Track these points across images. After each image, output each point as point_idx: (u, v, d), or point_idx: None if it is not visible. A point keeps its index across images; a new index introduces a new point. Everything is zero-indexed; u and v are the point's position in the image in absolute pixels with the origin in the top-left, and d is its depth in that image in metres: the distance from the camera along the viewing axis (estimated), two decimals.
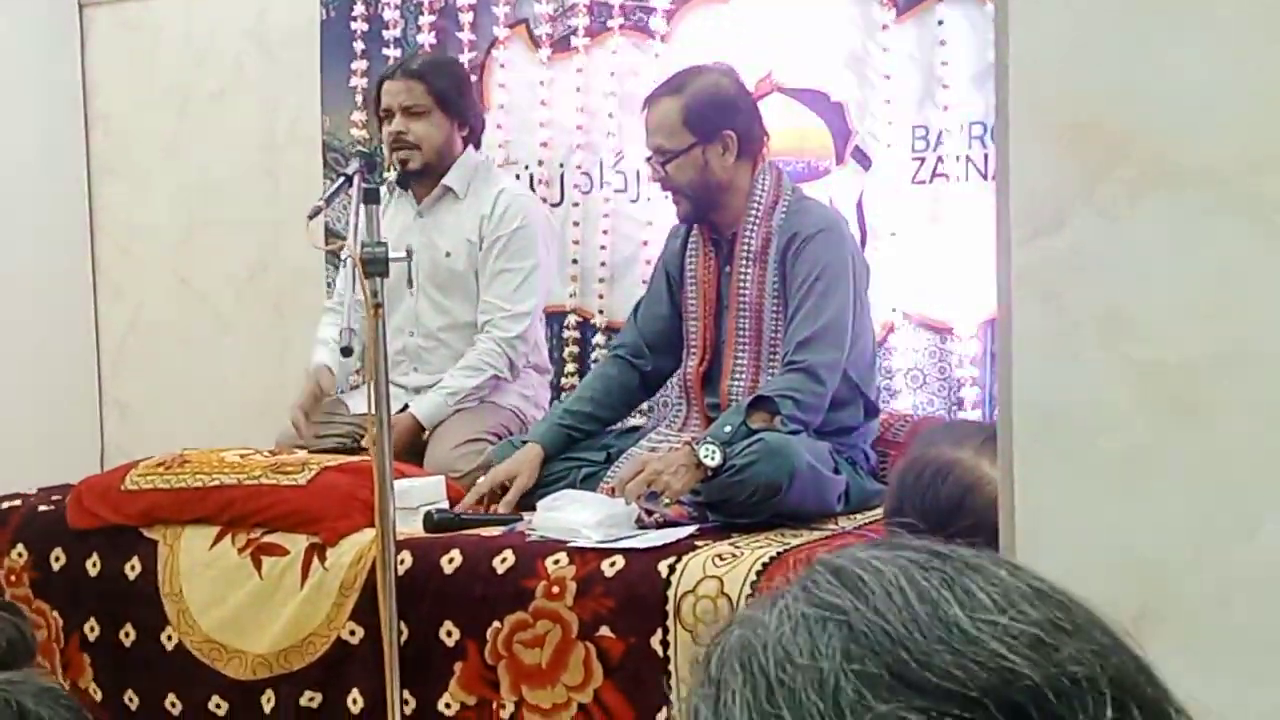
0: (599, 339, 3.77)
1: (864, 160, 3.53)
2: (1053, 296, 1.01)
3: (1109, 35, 1.02)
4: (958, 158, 3.40)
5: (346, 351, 2.44)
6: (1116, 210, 1.01)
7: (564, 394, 3.74)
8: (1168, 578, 0.99)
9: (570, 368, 3.82)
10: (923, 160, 3.45)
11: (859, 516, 2.84)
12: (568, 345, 3.83)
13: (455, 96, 3.41)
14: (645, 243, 3.65)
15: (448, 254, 3.42)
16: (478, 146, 3.54)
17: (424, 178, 3.43)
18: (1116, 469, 1.01)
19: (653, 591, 2.49)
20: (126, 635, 2.95)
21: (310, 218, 3.15)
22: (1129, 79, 1.01)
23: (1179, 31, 1.00)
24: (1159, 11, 1.01)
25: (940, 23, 3.37)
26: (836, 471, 2.83)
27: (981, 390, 3.38)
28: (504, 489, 2.94)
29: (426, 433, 3.31)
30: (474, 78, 3.92)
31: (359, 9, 4.08)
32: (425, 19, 3.99)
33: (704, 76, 3.01)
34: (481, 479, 2.97)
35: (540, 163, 3.90)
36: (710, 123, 2.94)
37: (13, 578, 3.05)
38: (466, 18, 3.94)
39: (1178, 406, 1.00)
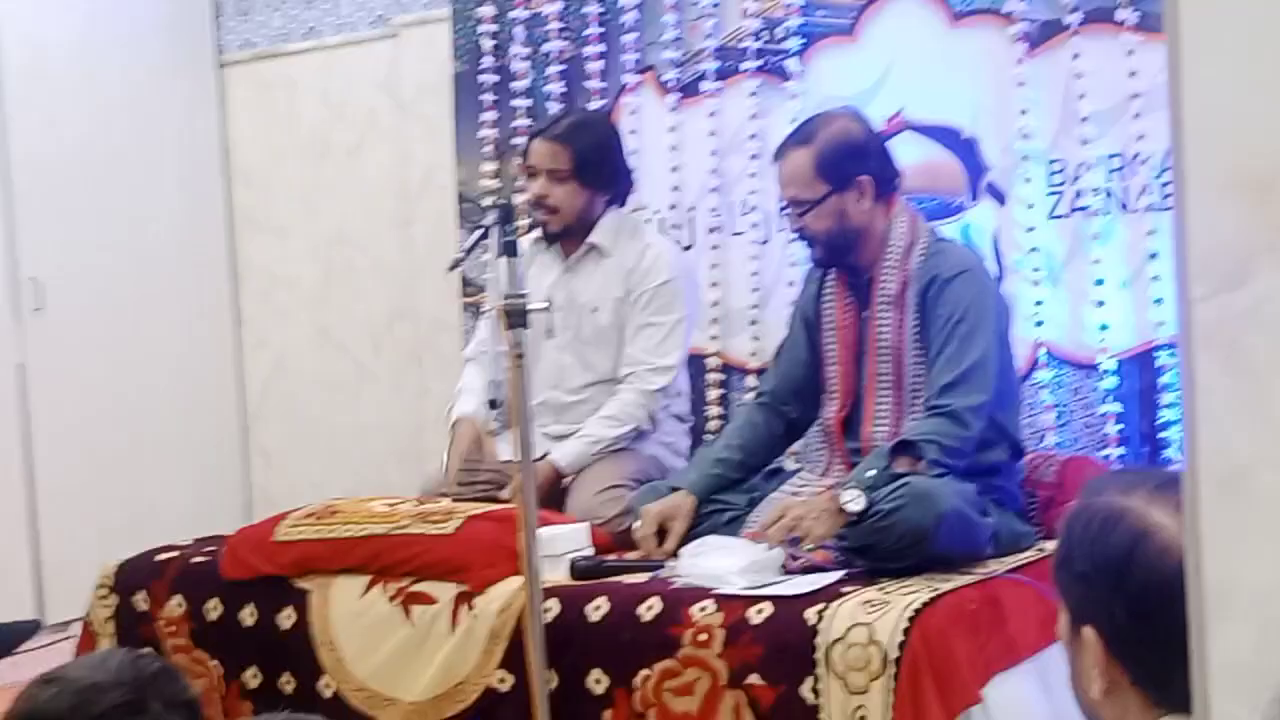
0: (751, 381, 3.76)
1: (999, 196, 3.49)
2: (1237, 353, 0.99)
3: None
4: (1096, 191, 3.35)
5: (494, 404, 2.48)
6: None
7: (705, 437, 3.75)
8: None
9: (714, 411, 3.83)
10: (1061, 194, 3.41)
11: (1009, 559, 2.80)
12: (711, 389, 3.84)
13: (597, 164, 3.38)
14: (790, 283, 3.64)
15: (594, 310, 3.45)
16: (624, 204, 3.56)
17: (566, 238, 3.46)
18: None
19: (801, 639, 2.47)
20: (287, 683, 3.01)
21: (450, 269, 3.21)
22: None
23: None
24: None
25: (1075, 56, 3.33)
26: (984, 514, 2.79)
27: (1126, 427, 3.32)
28: (660, 530, 2.95)
29: (567, 479, 3.34)
30: None
31: (488, 61, 4.15)
32: (553, 69, 4.05)
33: (833, 123, 2.99)
34: (637, 525, 2.98)
35: (672, 207, 3.93)
36: (843, 169, 2.92)
37: (172, 628, 3.13)
38: (595, 66, 3.99)
39: None
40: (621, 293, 3.42)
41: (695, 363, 3.84)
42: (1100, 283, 3.32)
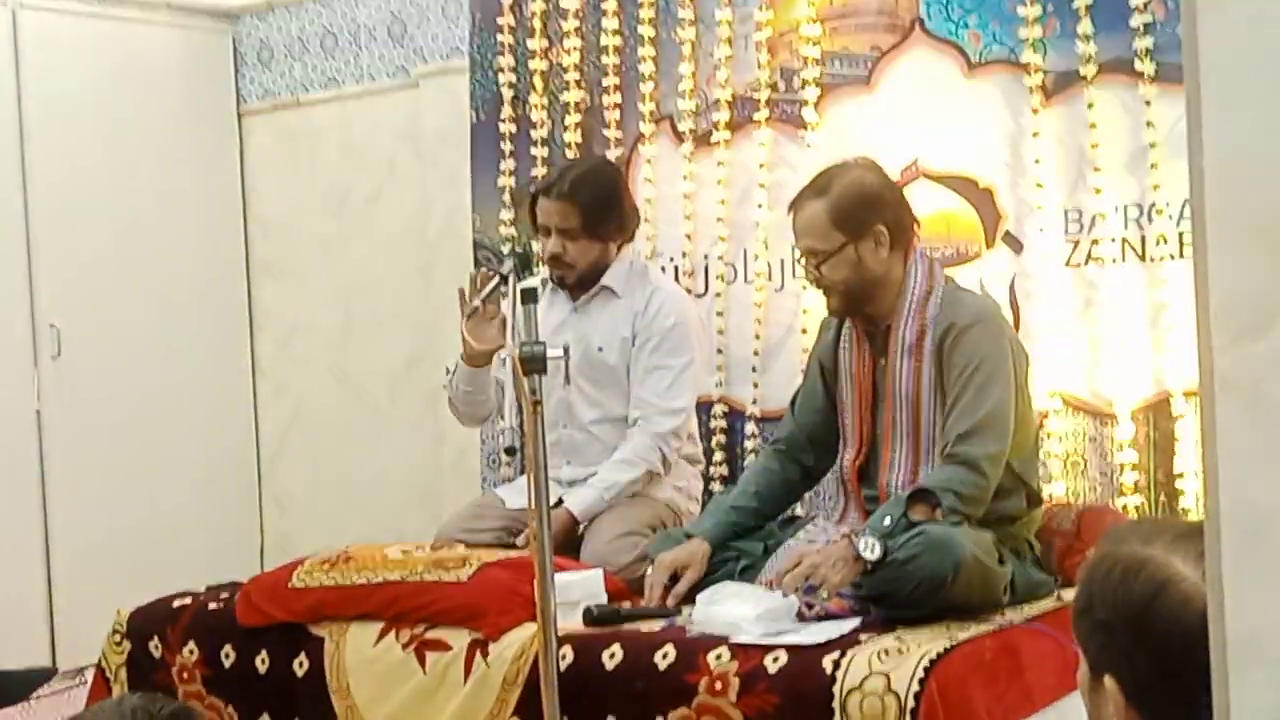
0: (751, 428, 3.77)
1: (1015, 245, 3.50)
2: (1259, 402, 0.99)
3: None
4: (1113, 240, 3.35)
5: (511, 451, 2.48)
6: None
7: (713, 483, 3.75)
8: None
9: (718, 456, 3.83)
10: (1076, 243, 3.41)
11: (1027, 608, 2.78)
12: (715, 435, 3.84)
13: (604, 215, 3.40)
14: (804, 330, 3.65)
15: (600, 349, 3.46)
16: (632, 239, 3.58)
17: (582, 285, 3.49)
18: None
19: (818, 688, 2.46)
20: None
21: (468, 317, 3.22)
22: None
23: None
24: None
25: (1090, 106, 3.35)
26: (1001, 562, 2.78)
27: (1142, 475, 3.31)
28: (673, 578, 2.94)
29: (582, 527, 3.33)
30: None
31: (507, 111, 4.18)
32: (571, 119, 4.08)
33: (847, 174, 3.00)
34: (650, 571, 2.97)
35: (684, 254, 3.94)
36: (859, 220, 2.93)
37: (185, 674, 3.12)
38: (612, 115, 4.02)
39: None
40: (628, 333, 3.44)
41: (701, 410, 3.84)
42: (1113, 332, 3.32)
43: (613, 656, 2.68)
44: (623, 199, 3.50)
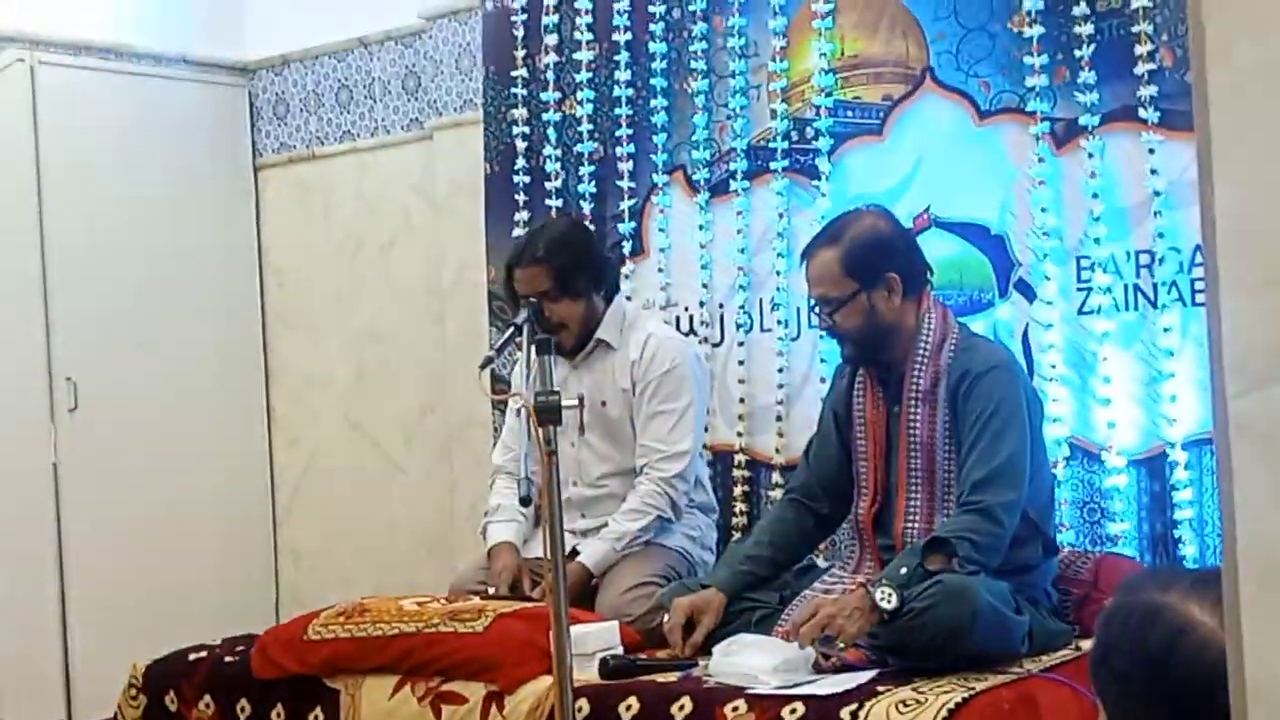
0: (776, 477, 3.77)
1: (1027, 292, 3.50)
2: (1274, 448, 0.99)
3: None
4: (1126, 287, 3.36)
5: (525, 501, 2.48)
6: None
7: (733, 533, 3.74)
8: None
9: (741, 507, 3.82)
10: (1089, 290, 3.41)
11: (1045, 658, 2.77)
12: (738, 485, 3.84)
13: (576, 272, 3.41)
14: (823, 379, 3.65)
15: (604, 403, 3.47)
16: (618, 290, 3.59)
17: (579, 345, 3.50)
18: None
19: None
20: None
21: (482, 367, 3.23)
22: None
23: None
24: None
25: (1091, 155, 3.36)
26: (1019, 612, 2.76)
27: (1147, 525, 3.29)
28: (689, 624, 2.93)
29: (595, 578, 3.33)
30: (633, 224, 4.01)
31: (521, 163, 4.20)
32: (585, 170, 4.10)
33: (859, 221, 3.02)
34: (667, 619, 2.96)
35: (701, 304, 3.95)
36: (872, 267, 2.94)
37: None
38: (626, 166, 4.04)
39: None
40: (628, 384, 3.45)
41: (722, 459, 3.84)
42: (1109, 380, 3.31)
43: (629, 708, 2.67)
44: (592, 252, 3.52)
